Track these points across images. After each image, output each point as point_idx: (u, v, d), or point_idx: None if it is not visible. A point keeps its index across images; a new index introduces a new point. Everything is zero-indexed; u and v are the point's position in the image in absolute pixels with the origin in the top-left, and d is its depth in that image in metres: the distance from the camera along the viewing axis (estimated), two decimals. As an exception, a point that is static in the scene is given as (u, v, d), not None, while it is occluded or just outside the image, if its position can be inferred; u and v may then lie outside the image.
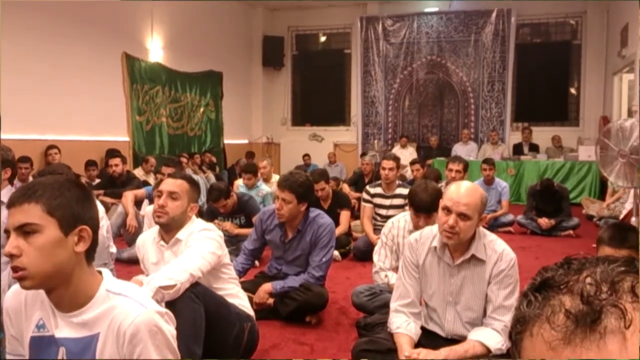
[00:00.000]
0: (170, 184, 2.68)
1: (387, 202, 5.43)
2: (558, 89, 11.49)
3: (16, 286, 1.46)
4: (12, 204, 1.34)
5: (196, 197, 2.75)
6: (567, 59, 11.40)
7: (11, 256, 1.31)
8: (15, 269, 1.32)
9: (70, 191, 1.37)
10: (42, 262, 1.31)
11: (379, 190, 5.48)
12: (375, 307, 3.25)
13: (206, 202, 6.74)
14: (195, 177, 7.16)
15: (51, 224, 1.33)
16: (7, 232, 1.35)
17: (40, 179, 1.40)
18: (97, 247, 1.45)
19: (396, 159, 5.49)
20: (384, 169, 5.40)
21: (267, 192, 6.14)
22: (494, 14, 11.31)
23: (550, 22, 11.56)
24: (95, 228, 1.41)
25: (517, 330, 0.68)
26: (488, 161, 7.04)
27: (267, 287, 3.43)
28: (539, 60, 11.38)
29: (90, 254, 1.41)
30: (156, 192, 2.74)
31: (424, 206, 3.13)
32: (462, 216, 2.27)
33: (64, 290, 1.37)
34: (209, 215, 5.23)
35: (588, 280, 0.63)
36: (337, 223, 5.35)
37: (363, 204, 5.55)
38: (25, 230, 1.31)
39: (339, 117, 12.88)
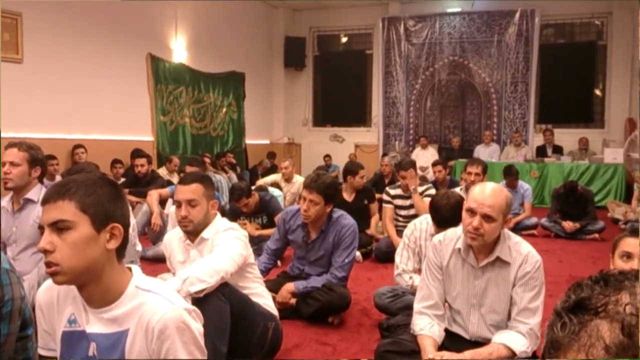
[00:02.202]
0: (185, 192, 2.64)
1: (408, 202, 5.45)
2: (583, 91, 11.33)
3: (49, 281, 1.49)
4: (46, 200, 1.37)
5: (212, 193, 2.74)
6: (592, 59, 11.24)
7: (45, 252, 1.34)
8: (48, 265, 1.34)
9: (102, 189, 1.40)
10: (75, 258, 1.34)
11: (399, 191, 5.50)
12: (397, 308, 3.25)
13: (228, 201, 6.79)
14: (217, 177, 7.24)
15: (84, 220, 1.35)
16: (41, 228, 1.38)
17: (74, 176, 1.42)
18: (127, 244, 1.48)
19: (413, 166, 5.49)
20: (403, 178, 5.43)
21: (278, 195, 6.22)
22: (517, 14, 11.20)
23: (575, 23, 11.41)
24: (126, 226, 1.43)
25: (551, 356, 0.65)
26: (509, 170, 6.95)
27: (289, 286, 3.44)
28: (564, 61, 11.23)
29: (121, 251, 1.43)
30: (175, 201, 2.73)
31: (446, 222, 3.09)
32: (487, 218, 2.26)
33: (95, 286, 1.39)
34: (231, 214, 5.26)
35: (628, 309, 0.60)
36: (363, 216, 5.50)
37: (384, 205, 5.55)
38: (59, 227, 1.34)
39: (360, 117, 12.86)
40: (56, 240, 1.34)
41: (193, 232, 2.68)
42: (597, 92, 11.37)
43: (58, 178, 6.08)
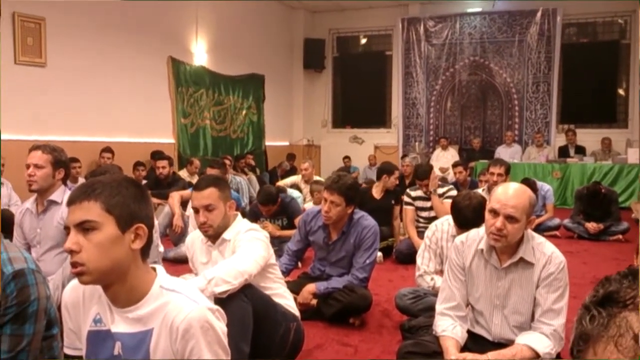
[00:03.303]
0: (201, 198, 2.64)
1: (429, 204, 5.44)
2: (606, 90, 11.16)
3: (75, 281, 1.50)
4: (72, 201, 1.38)
5: (228, 194, 2.74)
6: (616, 59, 11.07)
7: (71, 252, 1.35)
8: (74, 265, 1.36)
9: (127, 190, 1.41)
10: (100, 258, 1.35)
11: (419, 193, 5.49)
12: (419, 310, 3.24)
13: (249, 203, 6.83)
14: (237, 179, 7.28)
15: (109, 221, 1.36)
16: (67, 228, 1.39)
17: (99, 177, 1.44)
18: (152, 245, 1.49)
19: (430, 175, 5.46)
20: (422, 186, 5.44)
21: (297, 196, 6.23)
22: (539, 14, 11.09)
23: (597, 22, 11.25)
24: (150, 226, 1.45)
25: (580, 348, 0.65)
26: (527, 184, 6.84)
27: (310, 287, 3.44)
28: (586, 60, 11.08)
29: (145, 252, 1.45)
30: (192, 208, 2.75)
31: (468, 223, 3.05)
32: (510, 218, 2.24)
33: (120, 286, 1.40)
34: (251, 216, 5.28)
35: None
36: (388, 215, 5.61)
37: (405, 207, 5.54)
38: (85, 227, 1.35)
39: (380, 119, 12.83)
40: (82, 240, 1.35)
41: (214, 236, 2.69)
42: (621, 91, 11.20)
43: (81, 180, 6.16)
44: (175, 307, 1.39)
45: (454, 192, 5.23)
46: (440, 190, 5.42)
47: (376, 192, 5.68)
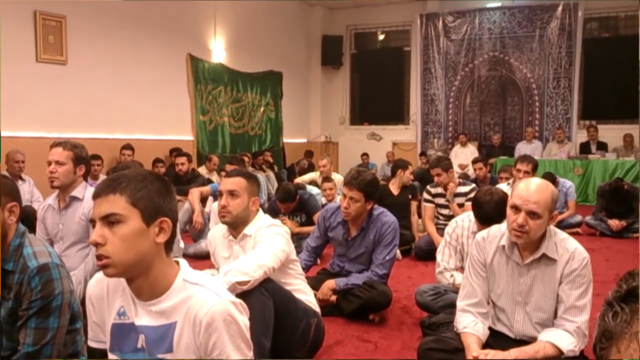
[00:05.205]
0: (228, 183, 2.71)
1: (449, 201, 5.39)
2: (628, 86, 10.91)
3: (99, 274, 1.52)
4: (97, 194, 1.40)
5: (256, 191, 2.77)
6: (638, 53, 10.88)
7: (96, 245, 1.36)
8: (99, 257, 1.37)
9: (152, 184, 1.42)
10: (125, 251, 1.36)
11: (440, 190, 5.42)
12: (439, 306, 3.21)
13: (267, 200, 6.84)
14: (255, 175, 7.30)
15: (134, 214, 1.37)
16: (92, 221, 1.40)
17: (124, 171, 1.45)
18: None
19: (440, 165, 5.35)
20: (433, 176, 5.41)
21: (316, 193, 6.24)
22: (559, 8, 10.94)
23: (619, 16, 11.06)
24: (174, 220, 1.45)
25: (603, 345, 0.65)
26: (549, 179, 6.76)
27: (330, 283, 3.44)
28: (608, 55, 10.88)
29: (169, 245, 1.45)
30: (218, 191, 2.78)
31: (489, 219, 3.01)
32: (532, 214, 2.21)
33: (144, 279, 1.41)
34: (270, 212, 5.28)
35: None
36: (406, 210, 5.61)
37: (424, 204, 5.50)
38: (110, 220, 1.36)
39: (398, 115, 12.77)
40: (107, 233, 1.36)
41: (232, 225, 2.70)
42: (643, 86, 11.02)
43: (102, 178, 6.21)
44: (199, 300, 1.40)
45: (476, 194, 5.15)
46: (462, 190, 5.32)
47: (393, 188, 5.68)
